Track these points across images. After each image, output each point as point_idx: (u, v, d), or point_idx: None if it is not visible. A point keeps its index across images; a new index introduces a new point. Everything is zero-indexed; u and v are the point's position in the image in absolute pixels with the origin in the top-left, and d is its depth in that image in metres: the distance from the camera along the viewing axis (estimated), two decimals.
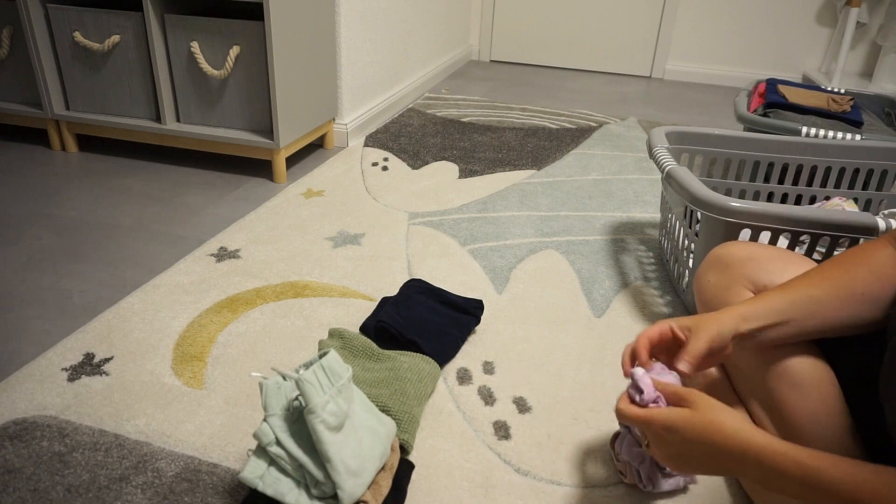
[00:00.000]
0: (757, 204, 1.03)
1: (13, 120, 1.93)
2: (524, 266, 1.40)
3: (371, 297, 1.25)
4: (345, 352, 1.03)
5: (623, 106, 2.74)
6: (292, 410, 0.74)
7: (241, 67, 1.69)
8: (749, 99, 1.77)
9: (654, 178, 1.93)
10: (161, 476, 0.84)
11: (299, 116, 1.79)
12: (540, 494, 0.84)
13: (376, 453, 0.78)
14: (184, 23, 1.68)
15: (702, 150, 1.41)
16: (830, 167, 1.41)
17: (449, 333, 1.11)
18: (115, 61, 1.77)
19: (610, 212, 1.69)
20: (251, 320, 1.16)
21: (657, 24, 3.21)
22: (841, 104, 1.66)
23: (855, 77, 3.02)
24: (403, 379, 0.95)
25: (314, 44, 1.82)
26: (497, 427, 0.95)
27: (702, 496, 0.85)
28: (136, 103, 1.82)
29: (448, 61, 3.10)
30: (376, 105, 2.29)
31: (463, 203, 1.68)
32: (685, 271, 1.24)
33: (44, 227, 1.48)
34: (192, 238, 1.46)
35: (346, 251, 1.42)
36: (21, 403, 0.95)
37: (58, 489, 0.81)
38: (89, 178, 1.76)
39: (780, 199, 1.46)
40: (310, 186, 1.74)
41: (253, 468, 0.74)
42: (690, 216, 1.20)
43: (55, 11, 1.75)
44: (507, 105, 2.63)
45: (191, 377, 1.02)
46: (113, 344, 1.09)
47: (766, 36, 3.12)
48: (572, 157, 2.07)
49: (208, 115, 1.79)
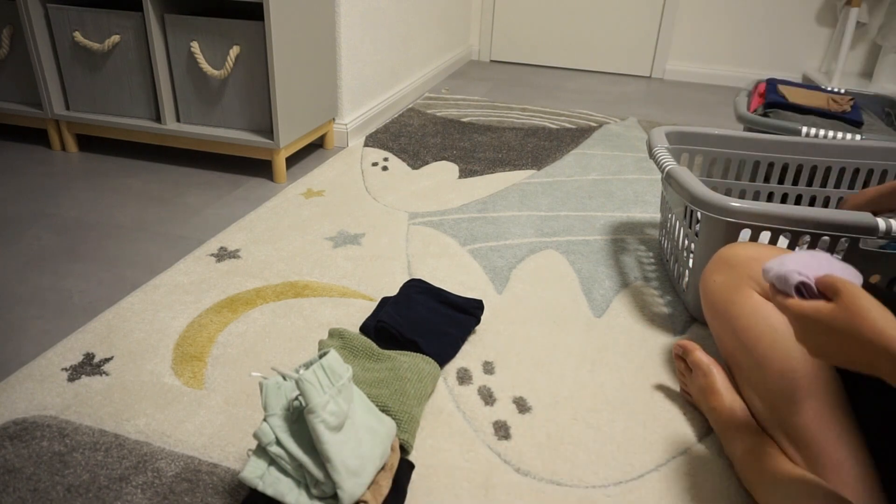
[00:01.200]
0: (757, 204, 1.03)
1: (13, 120, 1.93)
2: (524, 266, 1.40)
3: (371, 297, 1.25)
4: (345, 352, 1.03)
5: (623, 106, 2.74)
6: (292, 410, 0.74)
7: (241, 67, 1.69)
8: (749, 99, 1.77)
9: (654, 178, 1.93)
10: (161, 476, 0.84)
11: (299, 116, 1.79)
12: (540, 494, 0.84)
13: (376, 453, 0.78)
14: (184, 23, 1.68)
15: (702, 150, 1.41)
16: (830, 167, 1.41)
17: (449, 333, 1.11)
18: (115, 61, 1.77)
19: (610, 212, 1.69)
20: (251, 320, 1.16)
21: (657, 25, 3.21)
22: (841, 104, 1.66)
23: (855, 77, 3.02)
24: (403, 379, 0.95)
25: (314, 44, 1.82)
26: (497, 427, 0.95)
27: (702, 495, 0.85)
28: (136, 103, 1.82)
29: (448, 61, 3.10)
30: (376, 105, 2.29)
31: (463, 203, 1.68)
32: (685, 271, 1.24)
33: (44, 227, 1.48)
34: (192, 238, 1.46)
35: (346, 251, 1.42)
36: (21, 403, 0.95)
37: (58, 489, 0.81)
38: (89, 178, 1.76)
39: (780, 199, 1.46)
40: (310, 186, 1.74)
41: (253, 468, 0.74)
42: (690, 216, 1.20)
43: (55, 11, 1.75)
44: (507, 105, 2.63)
45: (191, 377, 1.02)
46: (113, 344, 1.09)
47: (766, 36, 3.12)
48: (572, 157, 2.07)
49: (208, 115, 1.79)
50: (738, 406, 0.89)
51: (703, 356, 0.95)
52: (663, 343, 1.16)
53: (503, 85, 2.99)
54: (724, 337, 0.91)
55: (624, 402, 1.01)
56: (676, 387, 1.05)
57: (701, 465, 0.90)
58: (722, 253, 0.95)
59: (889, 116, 1.81)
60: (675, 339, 1.17)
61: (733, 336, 0.88)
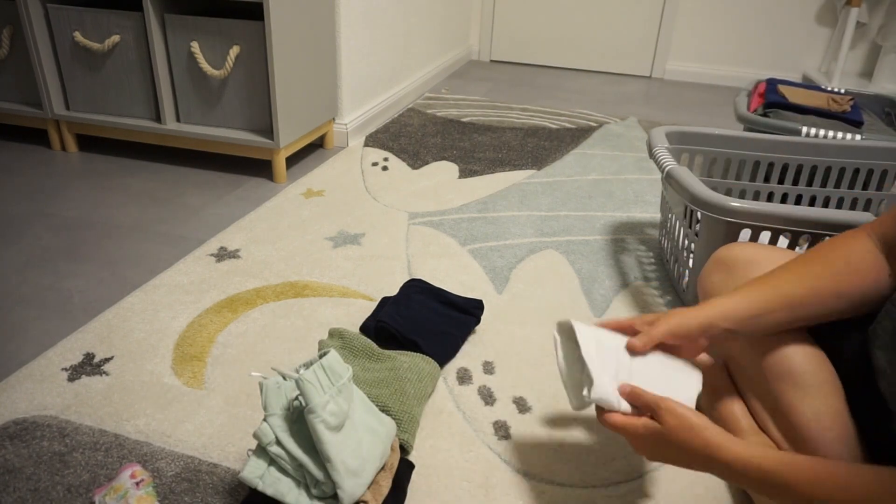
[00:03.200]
0: (757, 204, 1.03)
1: (13, 120, 1.93)
2: (524, 266, 1.40)
3: (371, 297, 1.25)
4: (345, 352, 1.03)
5: (623, 106, 2.74)
6: (292, 410, 0.74)
7: (241, 67, 1.69)
8: (749, 99, 1.77)
9: (654, 178, 1.93)
10: (161, 476, 0.84)
11: (299, 116, 1.79)
12: (540, 494, 0.84)
13: (376, 453, 0.78)
14: (184, 23, 1.68)
15: (702, 150, 1.41)
16: (830, 167, 1.41)
17: (449, 333, 1.11)
18: (115, 61, 1.77)
19: (610, 212, 1.69)
20: (251, 320, 1.16)
21: (657, 24, 3.21)
22: (841, 104, 1.66)
23: (855, 77, 3.02)
24: (403, 379, 0.95)
25: (314, 44, 1.82)
26: (497, 427, 0.95)
27: (702, 495, 0.85)
28: (136, 103, 1.82)
29: (448, 61, 3.10)
30: (376, 105, 2.29)
31: (463, 203, 1.68)
32: (685, 271, 1.24)
33: (44, 227, 1.48)
34: (192, 238, 1.46)
35: (346, 251, 1.42)
36: (21, 403, 0.95)
37: (58, 489, 0.81)
38: (89, 178, 1.76)
39: (780, 199, 1.46)
40: (310, 186, 1.74)
41: (253, 468, 0.74)
42: (690, 216, 1.20)
43: (55, 11, 1.75)
44: (507, 105, 2.63)
45: (191, 377, 1.02)
46: (113, 344, 1.09)
47: (767, 36, 3.12)
48: (572, 157, 2.07)
49: (208, 115, 1.79)
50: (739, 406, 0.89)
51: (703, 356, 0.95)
52: None
53: (503, 85, 2.99)
54: None
55: None
56: None
57: None
58: (719, 254, 0.94)
59: (889, 116, 1.81)
60: None
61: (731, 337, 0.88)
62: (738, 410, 0.89)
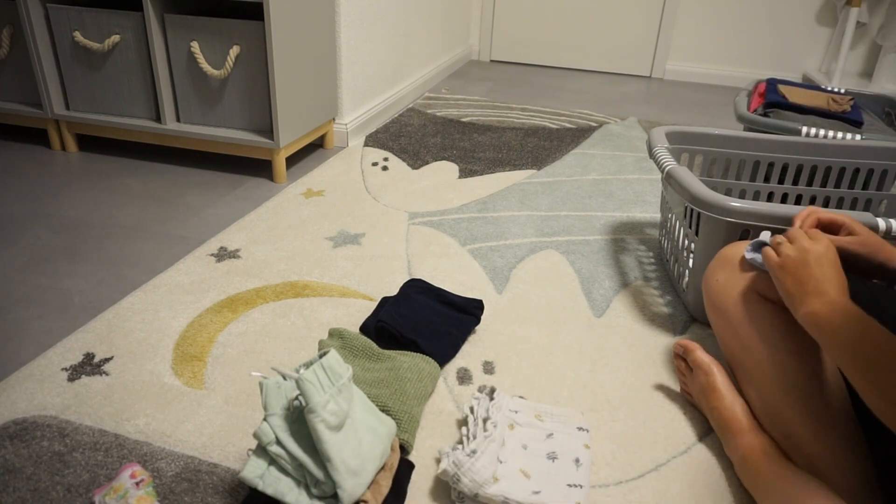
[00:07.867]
0: (757, 204, 1.03)
1: (13, 120, 1.93)
2: (524, 266, 1.40)
3: (371, 297, 1.25)
4: (345, 352, 1.03)
5: (623, 106, 2.74)
6: (292, 410, 0.74)
7: (241, 67, 1.69)
8: (749, 99, 1.77)
9: (654, 178, 1.93)
10: (161, 476, 0.84)
11: (299, 116, 1.79)
12: None
13: (376, 453, 0.78)
14: (184, 23, 1.68)
15: (702, 150, 1.41)
16: (830, 167, 1.41)
17: (449, 333, 1.11)
18: (115, 61, 1.77)
19: (610, 212, 1.69)
20: (251, 320, 1.16)
21: (657, 24, 3.21)
22: (841, 104, 1.66)
23: (855, 77, 3.02)
24: (403, 379, 0.95)
25: (314, 44, 1.82)
26: None
27: (702, 495, 0.85)
28: (136, 103, 1.82)
29: (448, 61, 3.10)
30: (376, 105, 2.29)
31: (463, 203, 1.68)
32: (685, 271, 1.24)
33: (44, 227, 1.48)
34: (192, 238, 1.46)
35: (346, 251, 1.42)
36: (21, 403, 0.95)
37: (58, 489, 0.81)
38: (89, 178, 1.76)
39: (780, 199, 1.46)
40: (310, 186, 1.74)
41: (253, 468, 0.74)
42: (690, 216, 1.20)
43: (55, 11, 1.75)
44: (507, 105, 2.63)
45: (191, 377, 1.02)
46: (113, 344, 1.09)
47: (767, 36, 3.12)
48: (572, 157, 2.07)
49: (208, 115, 1.79)
50: (739, 406, 0.89)
51: (704, 356, 0.95)
52: (663, 343, 1.16)
53: (503, 85, 2.99)
54: (725, 336, 0.91)
55: (624, 401, 1.01)
56: (677, 387, 1.05)
57: (701, 465, 0.90)
58: (724, 252, 0.95)
59: (889, 116, 1.81)
60: (676, 339, 1.17)
61: (735, 335, 0.88)
62: (738, 410, 0.89)
